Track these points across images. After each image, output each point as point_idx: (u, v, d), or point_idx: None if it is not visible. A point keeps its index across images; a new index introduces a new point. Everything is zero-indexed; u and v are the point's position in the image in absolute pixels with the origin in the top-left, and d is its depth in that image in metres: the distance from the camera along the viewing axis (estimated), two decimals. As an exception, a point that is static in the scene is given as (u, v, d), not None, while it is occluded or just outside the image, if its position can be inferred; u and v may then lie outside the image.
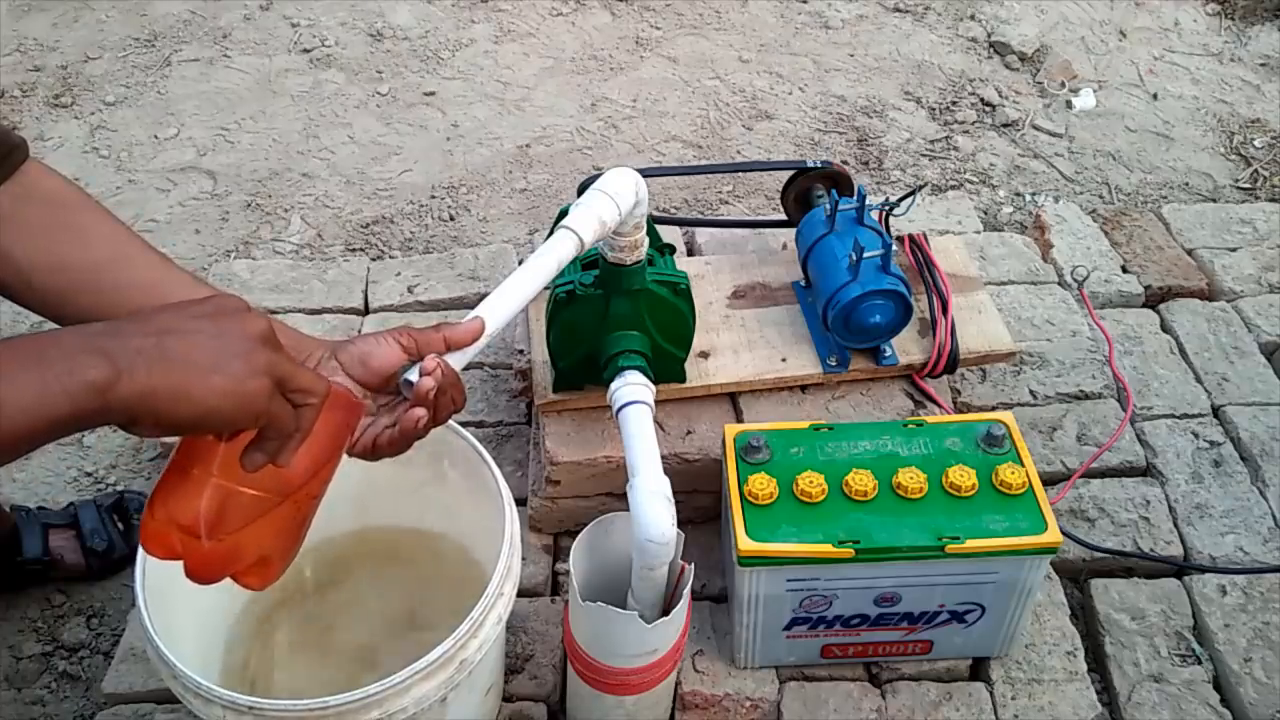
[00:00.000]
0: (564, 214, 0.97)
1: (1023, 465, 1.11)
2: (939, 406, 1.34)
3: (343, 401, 0.76)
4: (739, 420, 1.31)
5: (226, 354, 0.62)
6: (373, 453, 0.85)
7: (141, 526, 0.70)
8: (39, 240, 0.84)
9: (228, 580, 0.74)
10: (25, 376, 0.54)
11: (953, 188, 2.06)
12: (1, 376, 0.54)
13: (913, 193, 1.39)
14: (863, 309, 1.26)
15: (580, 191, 1.06)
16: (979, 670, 1.22)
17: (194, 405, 0.60)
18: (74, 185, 0.91)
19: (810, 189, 1.43)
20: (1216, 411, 1.51)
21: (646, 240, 1.08)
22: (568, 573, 1.07)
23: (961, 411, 1.45)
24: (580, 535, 1.06)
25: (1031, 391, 1.51)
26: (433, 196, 2.04)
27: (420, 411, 0.82)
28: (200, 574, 0.71)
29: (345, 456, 0.84)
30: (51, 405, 0.55)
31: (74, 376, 0.55)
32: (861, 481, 1.09)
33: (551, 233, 0.95)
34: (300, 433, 0.69)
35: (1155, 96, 2.31)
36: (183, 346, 0.61)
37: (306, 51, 2.40)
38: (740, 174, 2.07)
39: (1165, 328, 1.64)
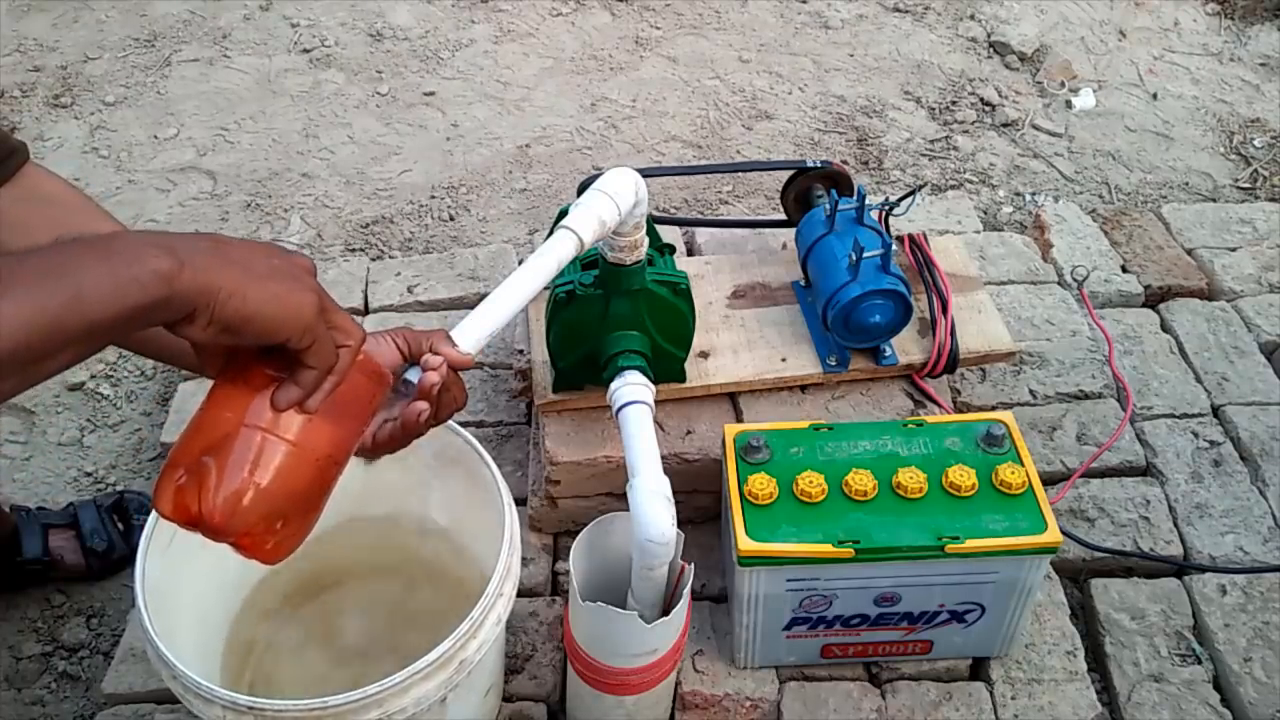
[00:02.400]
0: (564, 214, 0.97)
1: (1023, 465, 1.11)
2: (939, 406, 1.34)
3: (372, 367, 0.76)
4: (739, 420, 1.31)
5: (280, 271, 0.65)
6: (372, 449, 0.85)
7: (157, 484, 0.69)
8: (38, 241, 0.84)
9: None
10: (100, 268, 0.57)
11: (952, 188, 2.06)
12: (80, 268, 0.56)
13: (912, 193, 1.39)
14: (863, 309, 1.26)
15: (580, 191, 1.06)
16: (979, 670, 1.22)
17: (249, 303, 0.62)
18: (74, 187, 0.91)
19: (810, 189, 1.43)
20: (1216, 411, 1.51)
21: (646, 240, 1.08)
22: (568, 573, 1.07)
23: (961, 411, 1.45)
24: (580, 535, 1.06)
25: (1031, 391, 1.51)
26: (433, 196, 2.04)
27: (423, 405, 0.82)
28: (216, 519, 0.68)
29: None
30: (126, 294, 0.57)
31: (144, 265, 0.58)
32: (861, 481, 1.09)
33: (551, 233, 0.95)
34: (335, 375, 0.70)
35: (1155, 96, 2.31)
36: (240, 254, 0.64)
37: (306, 51, 2.40)
38: (740, 174, 2.07)
39: (1165, 327, 1.64)
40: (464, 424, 1.22)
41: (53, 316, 0.55)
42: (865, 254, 1.23)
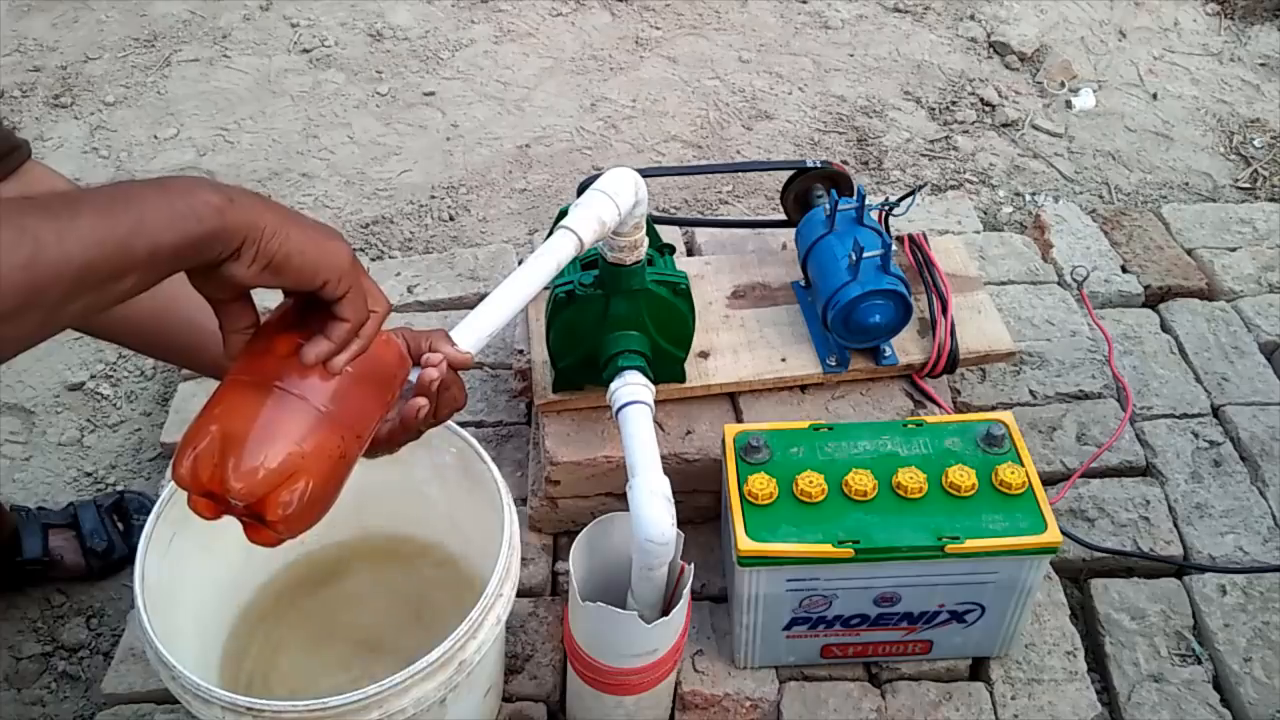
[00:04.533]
0: (563, 214, 0.97)
1: (1022, 465, 1.11)
2: (939, 406, 1.34)
3: (396, 346, 0.77)
4: (739, 420, 1.31)
5: (317, 223, 0.68)
6: (372, 446, 0.85)
7: (176, 454, 0.69)
8: None
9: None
10: (159, 199, 0.59)
11: (952, 188, 2.06)
12: (142, 199, 0.59)
13: (912, 193, 1.39)
14: (862, 309, 1.26)
15: (580, 191, 1.06)
16: (979, 670, 1.22)
17: (291, 241, 0.64)
18: (76, 186, 0.91)
19: (810, 189, 1.43)
20: (1216, 411, 1.51)
21: (646, 240, 1.08)
22: (568, 573, 1.07)
23: (961, 411, 1.45)
24: (580, 535, 1.06)
25: (1031, 391, 1.51)
26: (432, 196, 2.04)
27: (422, 400, 0.82)
28: (237, 481, 0.67)
29: None
30: (185, 223, 0.59)
31: (198, 198, 0.60)
32: (861, 481, 1.09)
33: (551, 233, 0.95)
34: (363, 337, 0.71)
35: (1155, 96, 2.31)
36: (280, 204, 0.66)
37: (306, 51, 2.40)
38: (740, 174, 2.07)
39: (1165, 327, 1.64)
40: (464, 424, 1.22)
41: (120, 239, 0.57)
42: (865, 254, 1.23)
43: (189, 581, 1.05)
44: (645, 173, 1.04)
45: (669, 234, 1.60)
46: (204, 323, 0.86)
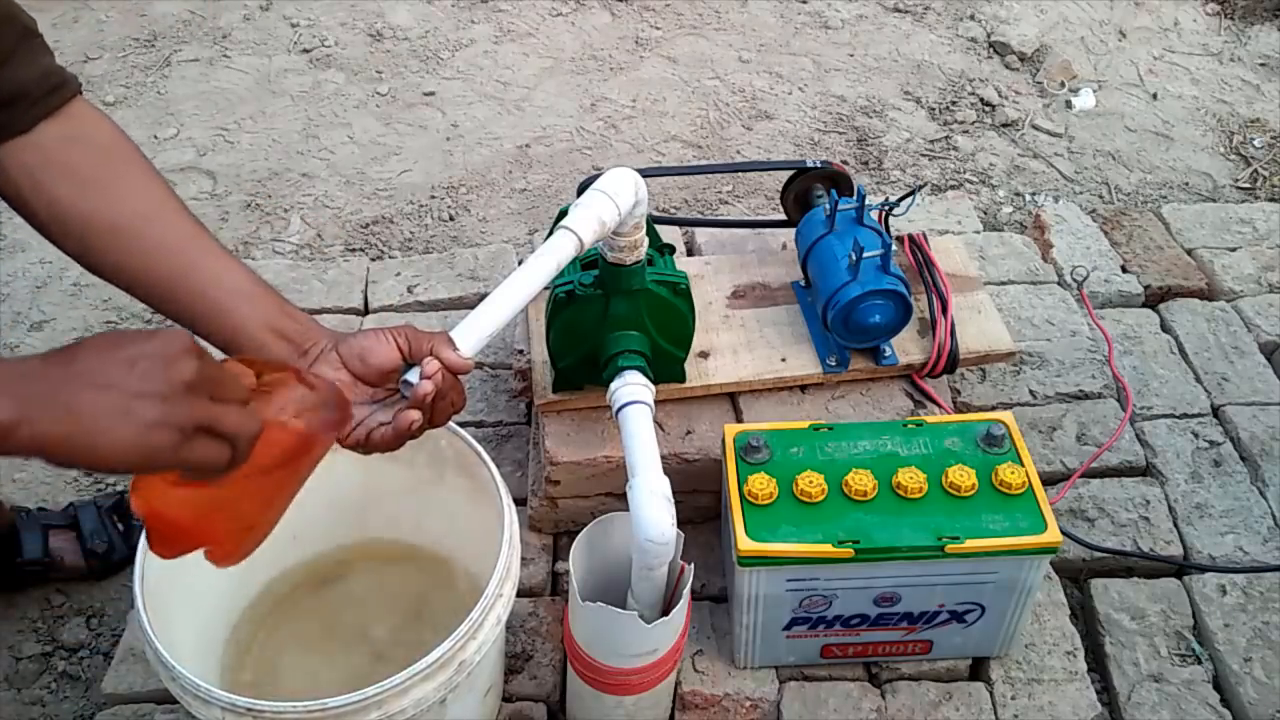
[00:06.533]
0: (563, 214, 0.97)
1: (1022, 465, 1.11)
2: (939, 406, 1.34)
3: (293, 440, 0.75)
4: (739, 420, 1.31)
5: (139, 405, 0.61)
6: (365, 446, 0.85)
7: (132, 483, 0.72)
8: (80, 187, 0.85)
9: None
10: None
11: (952, 188, 2.06)
12: None
13: (912, 193, 1.39)
14: (862, 309, 1.26)
15: (580, 191, 1.06)
16: (979, 670, 1.22)
17: (95, 455, 0.60)
18: (121, 132, 0.90)
19: (810, 189, 1.43)
20: (1216, 411, 1.51)
21: (646, 240, 1.08)
22: (568, 573, 1.07)
23: (961, 411, 1.45)
24: (580, 535, 1.06)
25: (1031, 391, 1.51)
26: (432, 196, 2.04)
27: (415, 414, 0.82)
28: (152, 542, 0.73)
29: (343, 452, 0.85)
30: None
31: None
32: (861, 481, 1.09)
33: (551, 233, 0.95)
34: (233, 466, 0.67)
35: (1155, 96, 2.31)
36: (92, 397, 0.60)
37: (306, 51, 2.40)
38: (740, 174, 2.07)
39: (1165, 327, 1.64)
40: (464, 424, 1.22)
41: None
42: (865, 254, 1.23)
43: (189, 582, 1.04)
44: (645, 173, 1.04)
45: (669, 234, 1.60)
46: (217, 297, 0.86)
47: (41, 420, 0.58)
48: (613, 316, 1.15)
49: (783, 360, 1.33)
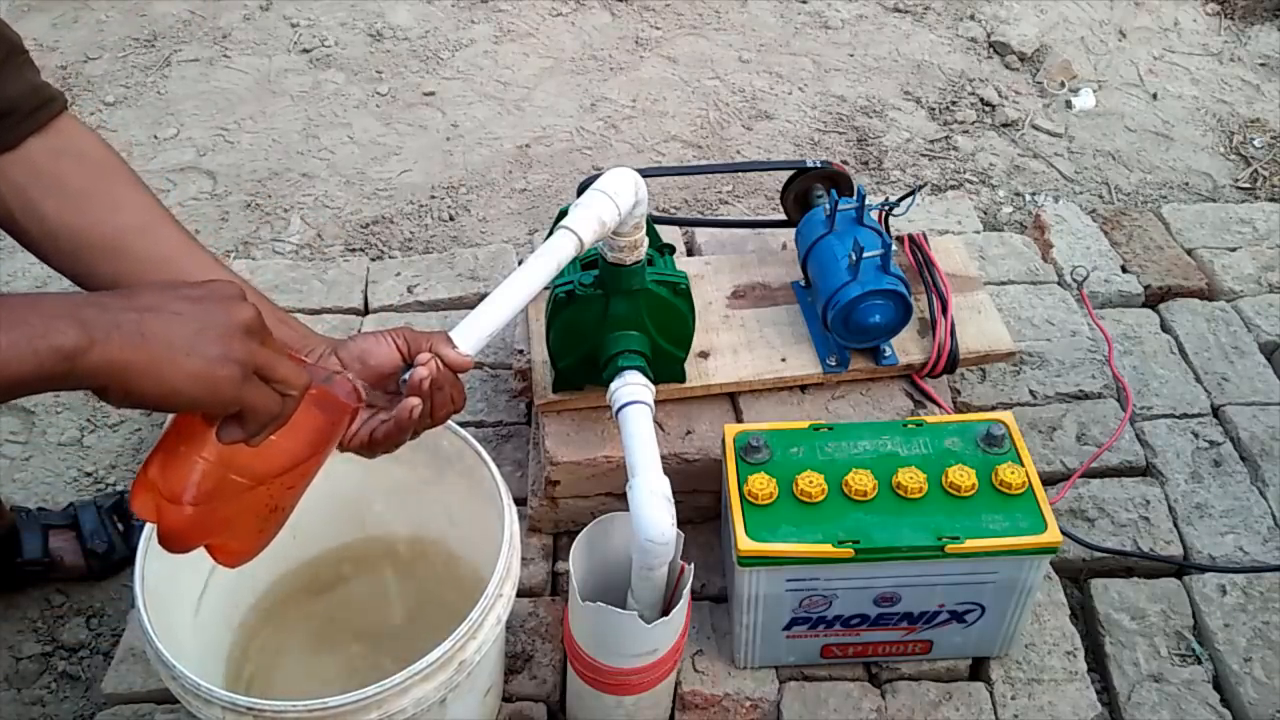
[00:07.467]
0: (563, 214, 0.97)
1: (1022, 465, 1.11)
2: (939, 406, 1.34)
3: (329, 402, 0.76)
4: (739, 420, 1.31)
5: (204, 339, 0.63)
6: (368, 447, 0.85)
7: (133, 485, 0.72)
8: (70, 200, 0.85)
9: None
10: (13, 333, 0.57)
11: (952, 188, 2.06)
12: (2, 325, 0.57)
13: (912, 193, 1.39)
14: (862, 309, 1.26)
15: (580, 191, 1.06)
16: (979, 670, 1.22)
17: (162, 384, 0.61)
18: (108, 146, 0.90)
19: (810, 189, 1.43)
20: (1216, 411, 1.51)
21: (646, 240, 1.08)
22: (568, 573, 1.07)
23: (961, 411, 1.45)
24: (580, 535, 1.06)
25: (1031, 391, 1.51)
26: (432, 196, 2.04)
27: (414, 400, 0.82)
28: (172, 541, 0.73)
29: (343, 454, 0.84)
30: (16, 364, 0.57)
31: (45, 340, 0.57)
32: (861, 481, 1.09)
33: (551, 233, 0.95)
34: (279, 419, 0.69)
35: (1155, 96, 2.31)
36: (161, 326, 0.62)
37: (306, 51, 2.40)
38: (740, 174, 2.07)
39: (1165, 327, 1.64)
40: (464, 424, 1.22)
41: None
42: (865, 254, 1.23)
43: (189, 582, 1.05)
44: (645, 173, 1.04)
45: (669, 234, 1.60)
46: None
47: (111, 343, 0.59)
48: (613, 316, 1.15)
49: (783, 360, 1.33)
